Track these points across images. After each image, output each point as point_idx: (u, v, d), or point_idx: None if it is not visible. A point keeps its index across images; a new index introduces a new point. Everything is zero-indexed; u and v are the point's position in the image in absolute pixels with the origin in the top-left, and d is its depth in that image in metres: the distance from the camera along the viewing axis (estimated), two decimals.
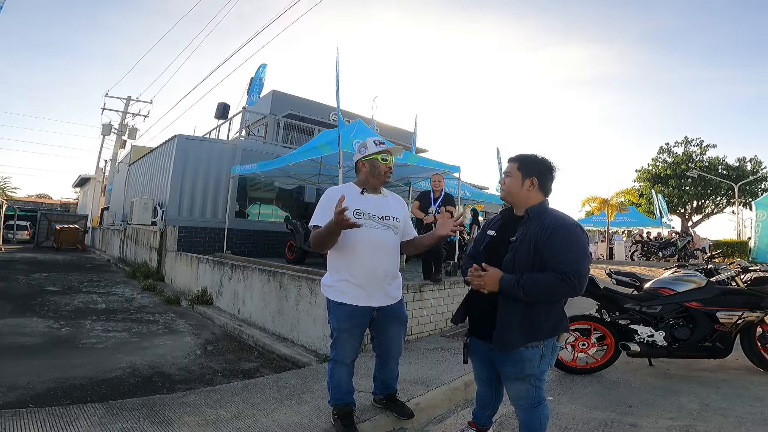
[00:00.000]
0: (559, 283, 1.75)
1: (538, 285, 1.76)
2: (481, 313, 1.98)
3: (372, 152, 2.41)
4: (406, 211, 2.54)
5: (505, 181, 2.00)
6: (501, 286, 1.81)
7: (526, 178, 1.94)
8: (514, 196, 1.97)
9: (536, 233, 1.83)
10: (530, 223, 1.89)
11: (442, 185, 5.45)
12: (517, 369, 1.89)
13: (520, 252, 1.84)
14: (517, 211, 2.00)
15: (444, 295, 5.04)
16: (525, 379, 1.90)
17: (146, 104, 32.15)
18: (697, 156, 30.00)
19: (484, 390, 2.24)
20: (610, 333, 3.65)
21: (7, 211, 20.62)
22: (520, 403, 1.97)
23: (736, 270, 4.46)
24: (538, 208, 1.93)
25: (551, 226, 1.83)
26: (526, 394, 1.93)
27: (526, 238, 1.85)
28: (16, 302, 6.46)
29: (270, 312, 5.18)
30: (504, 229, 2.00)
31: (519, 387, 1.94)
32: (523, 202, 1.95)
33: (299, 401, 2.82)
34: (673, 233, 17.30)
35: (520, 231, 1.90)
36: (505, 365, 1.92)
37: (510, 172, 1.98)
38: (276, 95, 13.97)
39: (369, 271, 2.32)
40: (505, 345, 1.84)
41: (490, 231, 2.05)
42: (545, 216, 1.89)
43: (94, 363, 3.95)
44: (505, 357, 1.89)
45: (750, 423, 2.72)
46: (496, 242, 1.99)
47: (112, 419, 2.40)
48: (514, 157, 2.02)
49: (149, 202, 9.95)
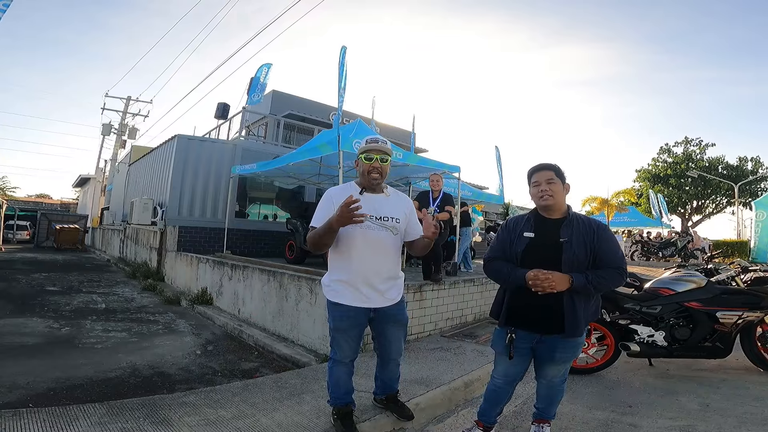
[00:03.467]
0: (617, 276, 2.05)
1: (604, 280, 2.03)
2: (533, 306, 2.10)
3: (359, 151, 2.37)
4: (409, 210, 2.44)
5: (549, 188, 2.10)
6: (575, 285, 2.00)
7: (564, 184, 2.15)
8: (559, 200, 2.12)
9: (585, 233, 2.07)
10: (572, 224, 2.10)
11: (441, 185, 5.45)
12: (569, 353, 2.16)
13: (578, 252, 2.04)
14: (551, 214, 2.16)
15: (444, 295, 5.03)
16: (569, 360, 2.22)
17: (146, 104, 32.29)
18: (696, 156, 30.00)
19: (504, 387, 2.30)
20: (610, 333, 3.65)
21: (7, 211, 20.59)
22: (556, 381, 2.27)
23: (736, 270, 4.46)
24: (572, 211, 2.16)
25: (598, 228, 2.10)
26: (563, 373, 2.27)
27: (580, 239, 2.06)
28: (16, 302, 6.46)
29: (270, 312, 5.18)
30: (541, 231, 2.13)
31: (561, 368, 2.23)
32: (562, 205, 2.15)
33: (299, 401, 2.82)
34: (673, 233, 17.32)
35: (566, 232, 2.08)
36: (557, 351, 2.14)
37: (552, 179, 2.11)
38: (276, 95, 13.97)
39: (365, 272, 2.28)
40: (578, 332, 2.08)
41: (527, 233, 2.15)
42: (582, 219, 2.14)
43: (94, 363, 3.95)
44: (561, 343, 2.11)
45: (750, 423, 2.73)
46: (538, 243, 2.12)
47: (112, 419, 2.40)
48: (548, 165, 2.16)
49: (149, 202, 9.94)
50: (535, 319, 2.12)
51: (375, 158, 2.31)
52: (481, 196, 11.37)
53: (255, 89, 11.77)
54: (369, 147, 2.33)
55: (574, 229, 2.07)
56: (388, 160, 2.37)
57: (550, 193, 2.10)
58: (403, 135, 13.74)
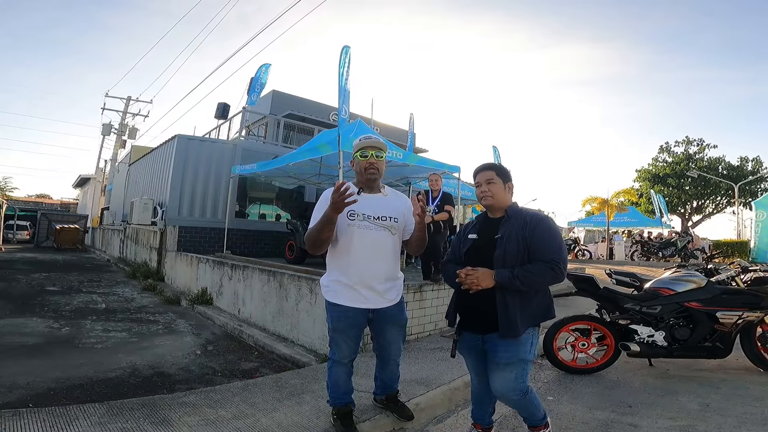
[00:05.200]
0: (548, 270, 1.96)
1: (532, 274, 1.95)
2: (471, 307, 2.11)
3: (354, 150, 2.37)
4: (407, 210, 2.42)
5: (488, 189, 2.13)
6: (498, 281, 1.96)
7: (506, 183, 2.16)
8: (499, 200, 2.15)
9: (520, 228, 2.05)
10: (511, 221, 2.10)
11: (440, 185, 5.46)
12: (509, 353, 2.01)
13: (509, 247, 2.02)
14: (494, 213, 2.19)
15: (444, 295, 5.03)
16: (515, 365, 2.02)
17: (146, 104, 32.26)
18: (697, 156, 29.99)
19: (480, 384, 2.28)
20: (610, 333, 3.65)
21: (7, 211, 20.62)
22: (511, 396, 2.07)
23: (736, 270, 4.46)
24: (514, 208, 2.16)
25: (532, 221, 2.06)
26: (514, 385, 2.04)
27: (512, 234, 2.04)
28: (16, 302, 6.46)
29: (270, 312, 5.18)
30: (484, 232, 2.17)
31: (507, 376, 2.03)
32: (503, 204, 2.16)
33: (299, 401, 2.82)
34: (673, 233, 17.31)
35: (503, 229, 2.08)
36: (498, 352, 2.03)
37: (492, 179, 2.14)
38: (276, 95, 13.95)
39: (363, 272, 2.28)
40: (511, 332, 1.97)
41: (471, 235, 2.19)
42: (522, 213, 2.13)
43: (94, 363, 3.95)
44: (501, 344, 2.01)
45: (750, 423, 2.72)
46: (479, 244, 2.15)
47: (112, 419, 2.40)
48: (489, 165, 2.20)
49: (149, 202, 9.95)
50: (474, 319, 2.11)
51: (370, 154, 2.32)
52: None
53: (255, 89, 11.76)
54: (363, 144, 2.34)
55: (510, 225, 2.07)
56: (383, 156, 2.38)
57: (490, 193, 2.13)
58: (402, 135, 13.72)
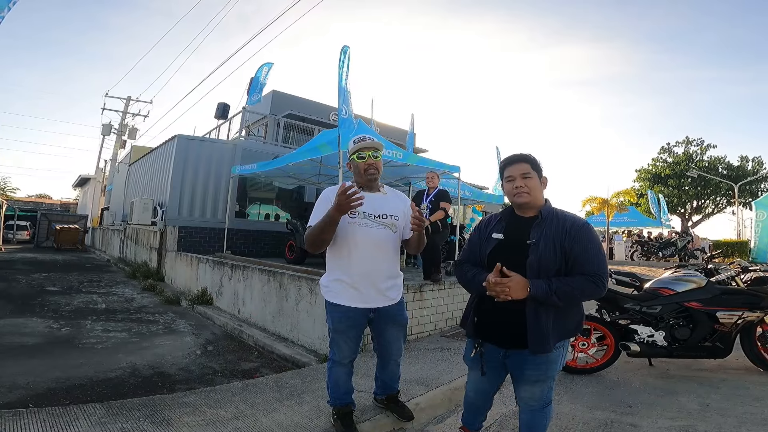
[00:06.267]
0: (590, 285, 1.71)
1: (573, 289, 1.71)
2: (497, 319, 1.85)
3: (349, 154, 2.38)
4: (407, 208, 2.40)
5: (524, 184, 1.81)
6: (533, 294, 1.69)
7: (541, 177, 1.86)
8: (536, 197, 1.83)
9: (558, 234, 1.76)
10: (545, 223, 1.80)
11: (436, 183, 5.48)
12: (540, 371, 1.81)
13: (545, 254, 1.74)
14: (525, 212, 1.87)
15: (444, 295, 5.04)
16: (545, 381, 1.84)
17: (146, 104, 32.29)
18: (697, 156, 30.00)
19: (476, 397, 2.10)
20: (610, 333, 3.65)
21: (7, 211, 20.60)
22: (532, 405, 1.89)
23: (736, 270, 4.45)
24: (548, 207, 1.85)
25: (573, 227, 1.77)
26: (540, 396, 1.87)
27: (549, 240, 1.75)
28: (16, 302, 6.46)
29: (270, 312, 5.18)
30: (512, 232, 1.86)
31: (535, 390, 1.86)
32: (539, 203, 1.86)
33: (299, 401, 2.82)
34: (673, 233, 17.32)
35: (536, 232, 1.79)
36: (527, 369, 1.82)
37: (528, 173, 1.82)
38: (276, 95, 13.95)
39: (364, 271, 2.27)
40: (542, 349, 1.74)
41: (496, 234, 1.88)
42: (558, 216, 1.82)
43: (94, 363, 3.95)
44: (530, 360, 1.79)
45: (750, 423, 2.72)
46: (505, 245, 1.85)
47: (112, 419, 2.40)
48: (522, 156, 1.86)
49: (149, 202, 9.95)
50: (499, 331, 1.85)
51: (367, 155, 2.32)
52: (481, 196, 11.39)
53: (255, 89, 11.76)
54: (359, 146, 2.34)
55: (546, 229, 1.78)
56: (379, 155, 2.39)
57: (527, 189, 1.81)
58: (403, 135, 13.71)
